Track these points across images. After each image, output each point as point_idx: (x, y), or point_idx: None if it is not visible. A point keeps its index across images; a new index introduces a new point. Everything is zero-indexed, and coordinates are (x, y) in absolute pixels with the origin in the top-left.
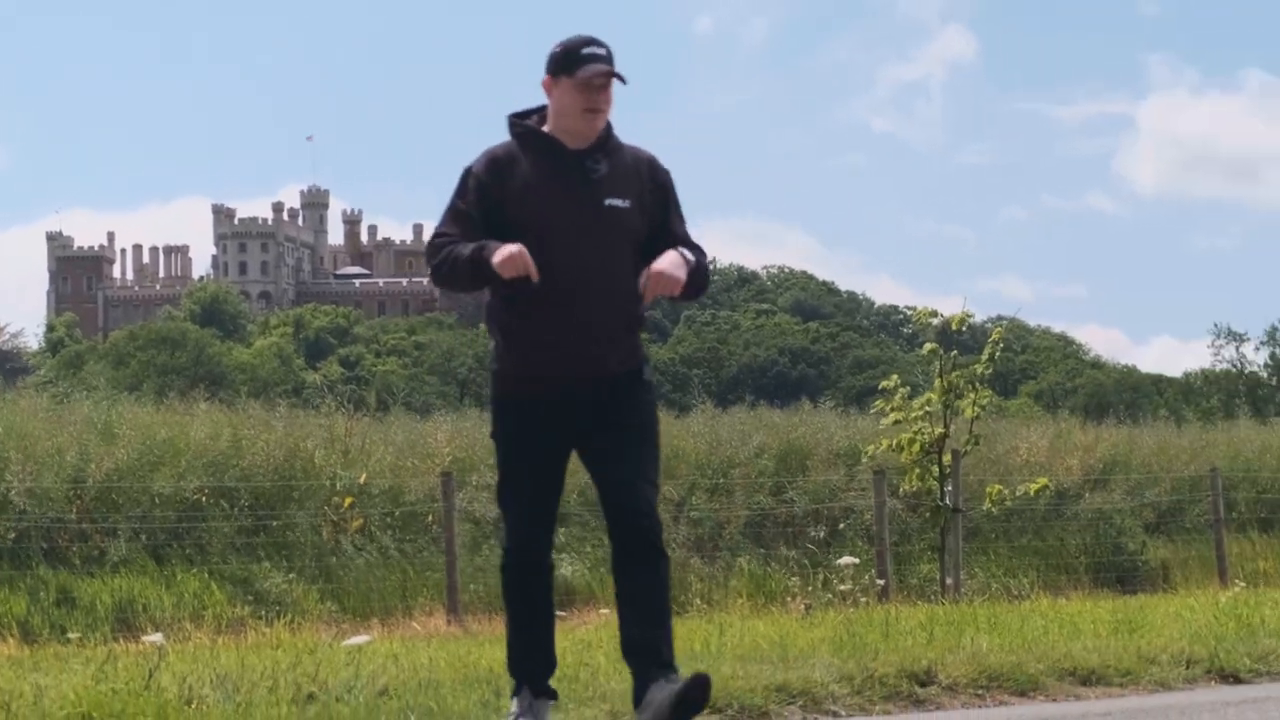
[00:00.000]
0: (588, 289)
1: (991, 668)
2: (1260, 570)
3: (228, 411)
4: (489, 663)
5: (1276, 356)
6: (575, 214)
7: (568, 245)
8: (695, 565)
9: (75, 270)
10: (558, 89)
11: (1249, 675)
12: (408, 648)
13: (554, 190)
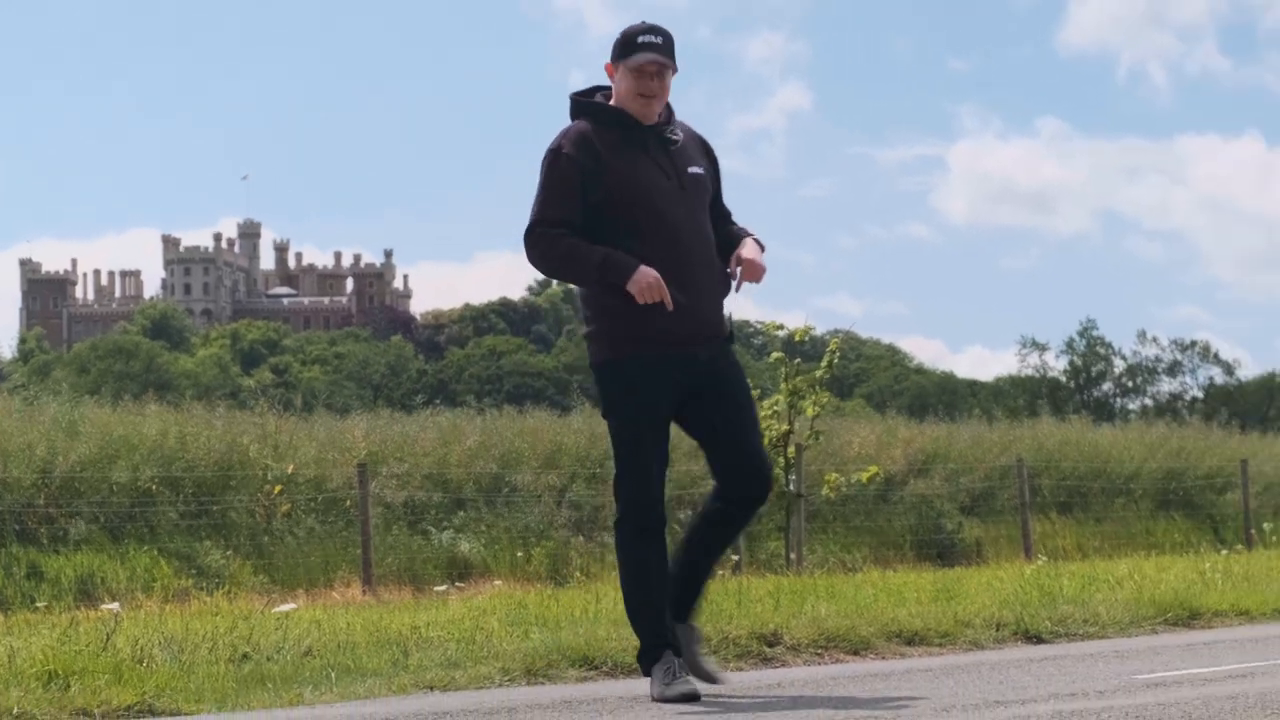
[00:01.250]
0: (691, 252)
1: (829, 630)
2: (1060, 546)
3: (174, 412)
4: (398, 627)
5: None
6: (666, 182)
7: (667, 212)
8: (576, 543)
9: (43, 291)
10: (617, 74)
11: (1049, 636)
12: (328, 614)
13: (644, 161)
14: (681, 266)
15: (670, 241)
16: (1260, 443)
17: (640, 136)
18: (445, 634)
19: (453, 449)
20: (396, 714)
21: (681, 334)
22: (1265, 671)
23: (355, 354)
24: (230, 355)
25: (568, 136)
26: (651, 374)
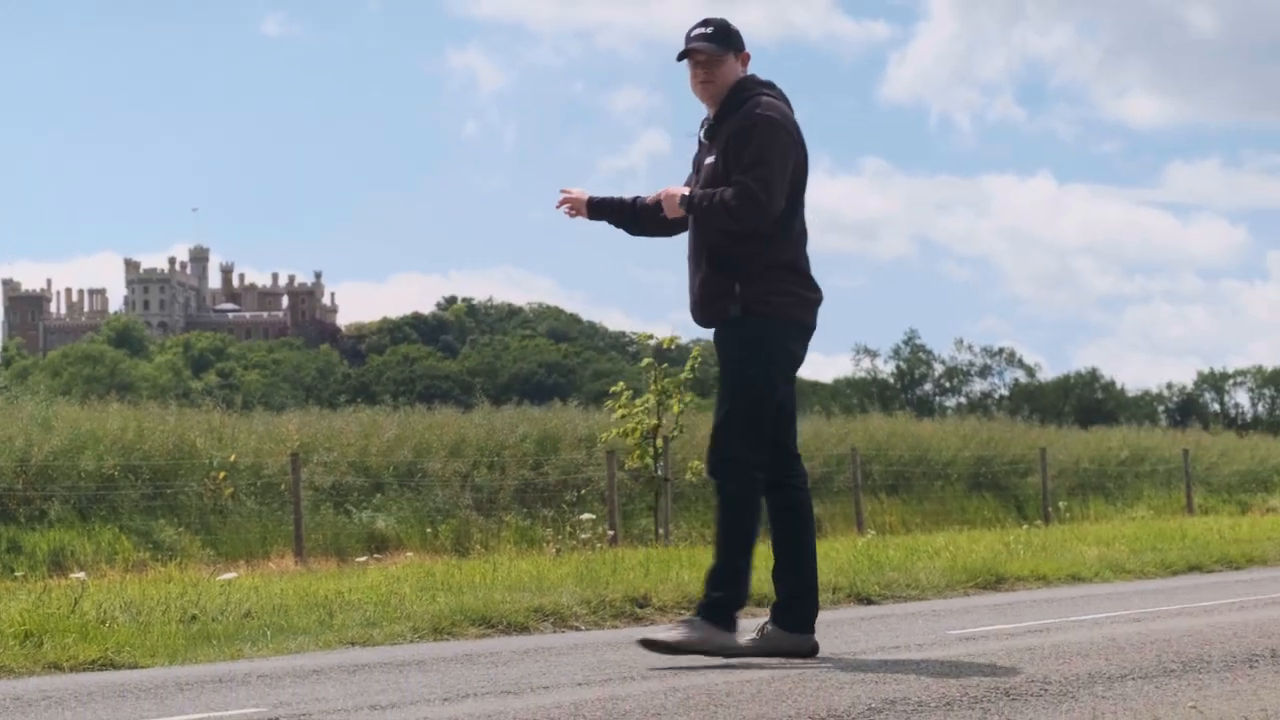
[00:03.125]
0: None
1: (690, 594)
2: (887, 522)
3: (134, 410)
4: (325, 592)
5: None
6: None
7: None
8: (477, 521)
9: (22, 306)
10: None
11: (878, 598)
12: (265, 582)
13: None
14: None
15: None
16: (1056, 434)
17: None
18: (365, 598)
19: (372, 440)
20: (323, 666)
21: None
22: (1059, 627)
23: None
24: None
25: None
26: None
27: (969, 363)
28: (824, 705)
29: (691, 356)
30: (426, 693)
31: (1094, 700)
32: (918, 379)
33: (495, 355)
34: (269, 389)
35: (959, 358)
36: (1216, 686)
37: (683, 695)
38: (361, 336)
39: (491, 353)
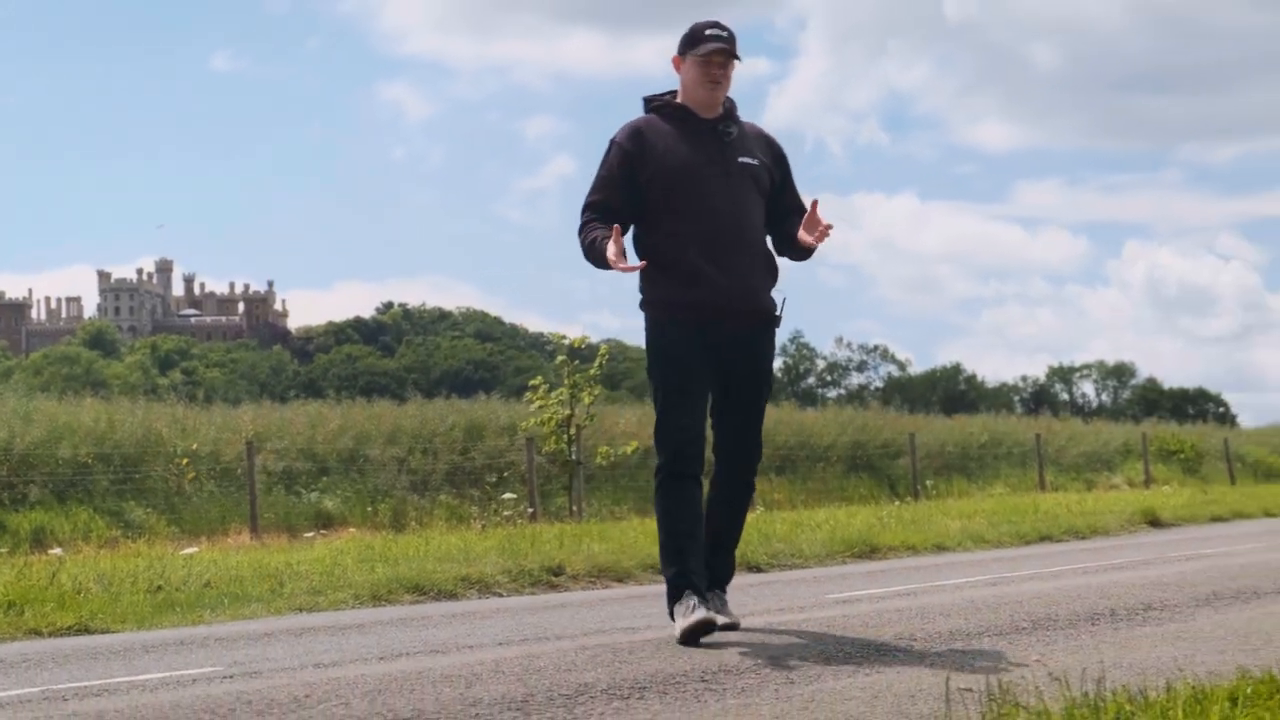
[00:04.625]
0: (727, 233)
1: (600, 564)
2: (775, 499)
3: (106, 404)
4: (276, 564)
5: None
6: (710, 169)
7: (707, 195)
8: (412, 500)
9: (6, 313)
10: (685, 65)
11: (766, 566)
12: (223, 555)
13: (692, 148)
14: (715, 245)
15: (708, 222)
16: (924, 421)
17: (694, 128)
18: (311, 569)
19: (319, 430)
20: (273, 630)
21: (710, 306)
22: (925, 591)
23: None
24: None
25: (624, 128)
26: (679, 339)
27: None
28: (716, 662)
29: (600, 354)
30: (365, 652)
31: (953, 654)
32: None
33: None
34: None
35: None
36: (1062, 642)
37: (592, 652)
38: (310, 338)
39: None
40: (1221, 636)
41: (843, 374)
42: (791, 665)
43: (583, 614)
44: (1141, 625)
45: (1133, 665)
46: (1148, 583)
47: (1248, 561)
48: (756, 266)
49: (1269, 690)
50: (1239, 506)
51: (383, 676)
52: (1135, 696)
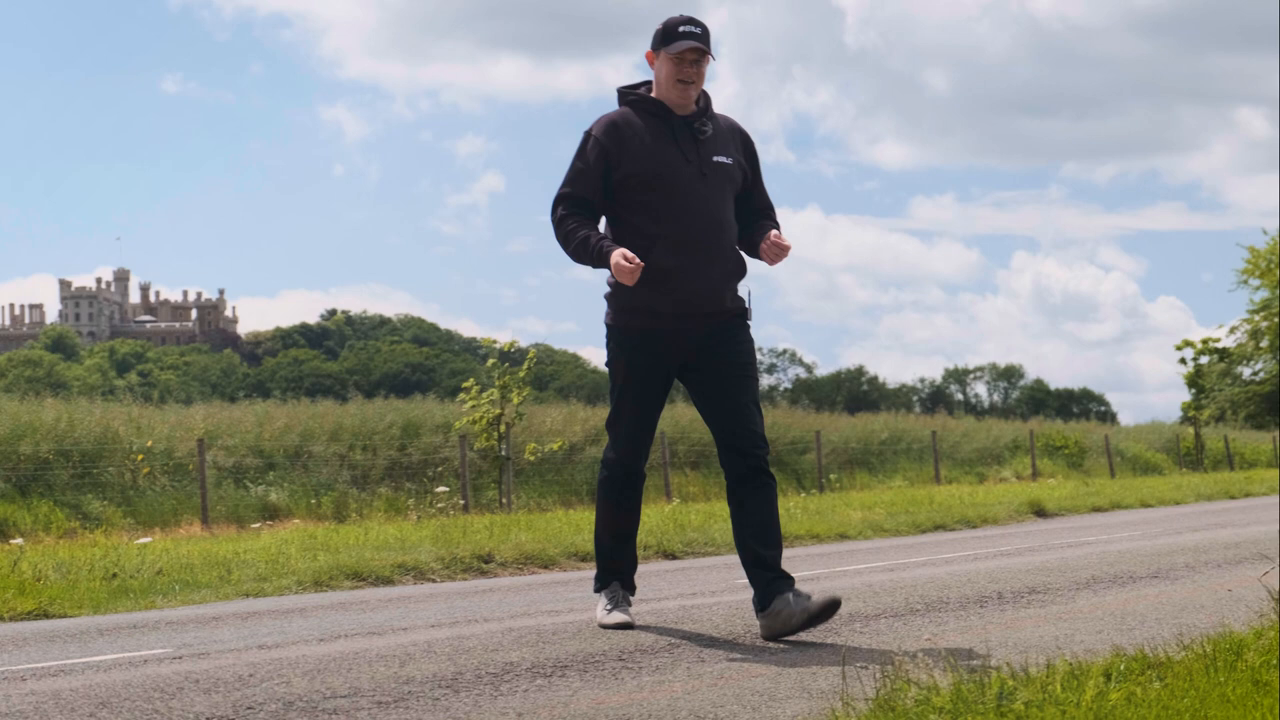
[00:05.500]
0: (699, 232)
1: (528, 551)
2: (690, 492)
3: (66, 404)
4: (225, 553)
5: None
6: (686, 167)
7: (681, 194)
8: (353, 493)
9: None
10: (657, 61)
11: (681, 554)
12: (175, 545)
13: (667, 146)
14: (688, 245)
15: (680, 221)
16: (829, 419)
17: (669, 124)
18: (258, 557)
19: (266, 428)
20: (221, 614)
21: (676, 309)
22: (827, 576)
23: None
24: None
25: (599, 121)
26: (641, 343)
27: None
28: (633, 642)
29: (528, 357)
30: (306, 634)
31: (853, 634)
32: None
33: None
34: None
35: None
36: (953, 623)
37: (518, 634)
38: (258, 342)
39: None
40: (1099, 617)
41: None
42: (703, 645)
43: (510, 598)
44: (1026, 607)
45: (1017, 644)
46: (1033, 568)
47: (1124, 549)
48: (727, 268)
49: (1140, 667)
50: (1118, 498)
51: (322, 657)
52: (1018, 672)
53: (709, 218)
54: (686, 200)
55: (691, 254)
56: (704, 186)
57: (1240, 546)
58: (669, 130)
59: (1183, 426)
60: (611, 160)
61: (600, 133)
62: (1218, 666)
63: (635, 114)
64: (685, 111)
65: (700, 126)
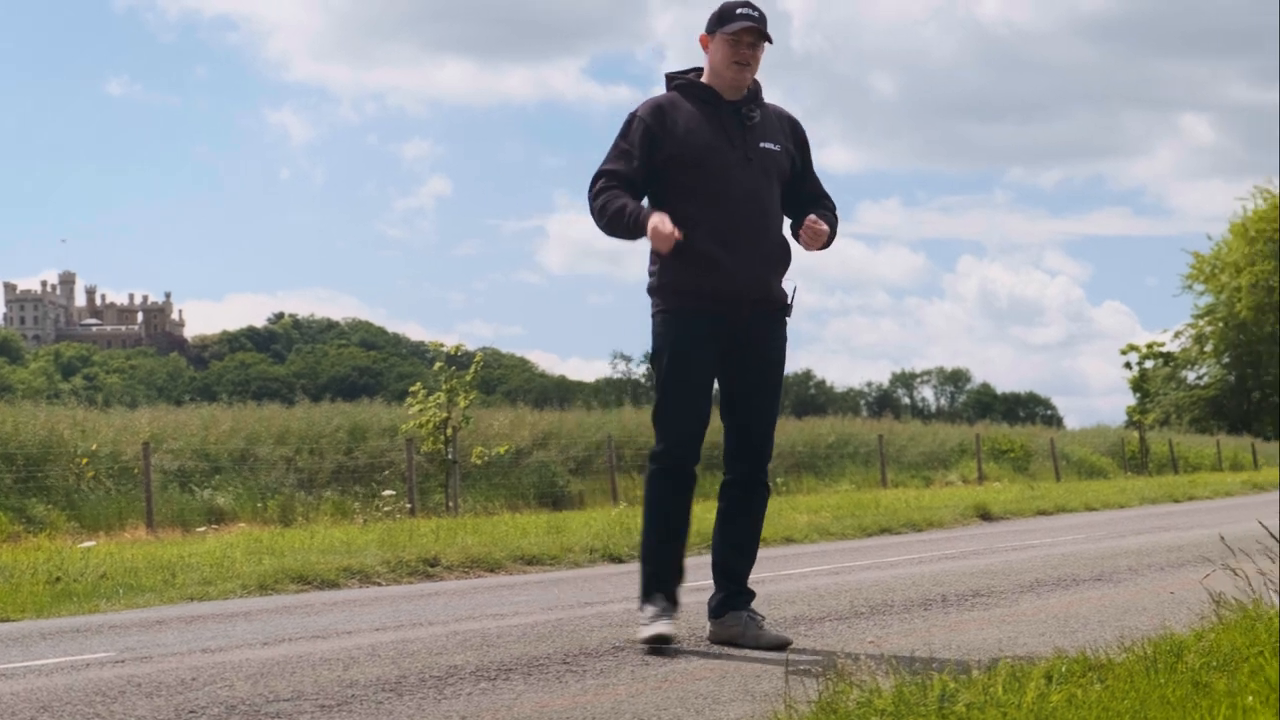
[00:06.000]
0: (744, 219)
1: (473, 555)
2: (636, 496)
3: (11, 408)
4: (169, 557)
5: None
6: (731, 153)
7: (726, 179)
8: (300, 497)
9: None
10: (712, 44)
11: (627, 557)
12: (120, 549)
13: (714, 131)
14: (731, 231)
15: (724, 207)
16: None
17: (716, 109)
18: (203, 561)
19: (211, 431)
20: (165, 618)
21: (721, 294)
22: (773, 580)
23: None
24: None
25: (645, 103)
26: (689, 329)
27: None
28: (577, 645)
29: (475, 361)
30: (250, 638)
31: (797, 637)
32: None
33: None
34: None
35: None
36: (897, 625)
37: (462, 637)
38: (205, 346)
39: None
40: (1042, 620)
41: None
42: (647, 648)
43: (455, 602)
44: (970, 610)
45: (961, 646)
46: (977, 571)
47: (1068, 552)
48: (771, 256)
49: (1082, 669)
50: (1063, 501)
51: (266, 660)
52: (960, 674)
53: (752, 203)
54: (729, 185)
55: (734, 239)
56: (748, 172)
57: (1183, 549)
58: (716, 114)
59: (1128, 430)
60: (656, 142)
61: (646, 114)
62: (1158, 668)
63: (683, 98)
64: (736, 96)
65: (748, 112)
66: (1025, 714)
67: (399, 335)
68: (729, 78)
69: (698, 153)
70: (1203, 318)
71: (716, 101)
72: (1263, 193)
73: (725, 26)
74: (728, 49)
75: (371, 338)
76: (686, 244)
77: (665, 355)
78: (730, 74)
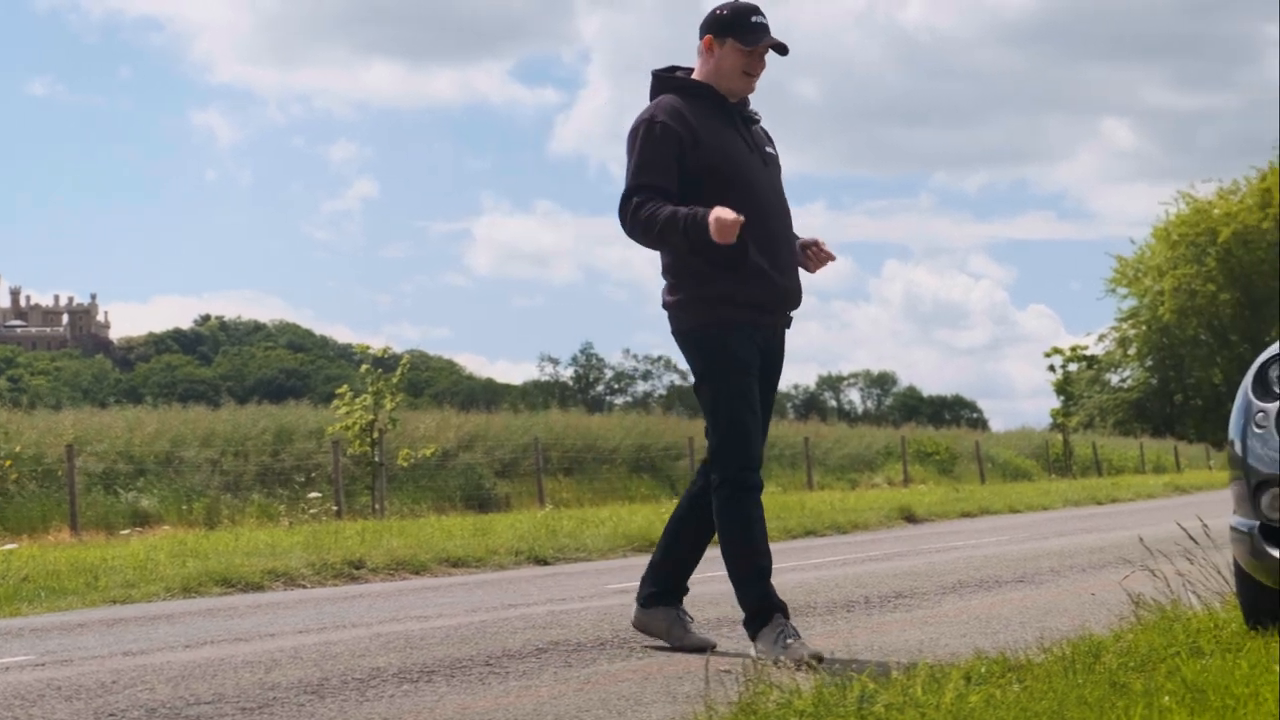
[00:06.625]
0: (776, 226)
1: (399, 557)
2: (564, 498)
3: None
4: (93, 560)
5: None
6: (750, 156)
7: (754, 185)
8: (225, 499)
9: None
10: (721, 50)
11: (552, 559)
12: (43, 552)
13: (732, 136)
14: (770, 239)
15: (758, 215)
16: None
17: (726, 111)
18: (126, 564)
19: (136, 433)
20: (87, 621)
21: (770, 304)
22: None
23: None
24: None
25: (660, 108)
26: (743, 340)
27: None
28: (500, 647)
29: (401, 363)
30: (173, 641)
31: (720, 639)
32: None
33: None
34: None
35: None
36: (820, 627)
37: (385, 640)
38: (131, 348)
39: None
40: (964, 621)
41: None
42: (570, 650)
43: (379, 604)
44: (893, 611)
45: (882, 648)
46: (900, 573)
47: (991, 553)
48: (795, 263)
49: (1001, 669)
50: (987, 503)
51: (187, 663)
52: (879, 675)
53: (780, 209)
54: (759, 192)
55: (773, 248)
56: (769, 177)
57: (1104, 551)
58: (727, 118)
59: (1052, 433)
60: (685, 149)
61: (670, 120)
62: (1076, 669)
63: (690, 101)
64: (735, 99)
65: (754, 115)
66: (943, 715)
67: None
68: (736, 87)
69: (726, 160)
70: (1126, 321)
71: (725, 105)
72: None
73: (741, 36)
74: (741, 59)
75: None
76: (736, 254)
77: (730, 372)
78: (739, 84)
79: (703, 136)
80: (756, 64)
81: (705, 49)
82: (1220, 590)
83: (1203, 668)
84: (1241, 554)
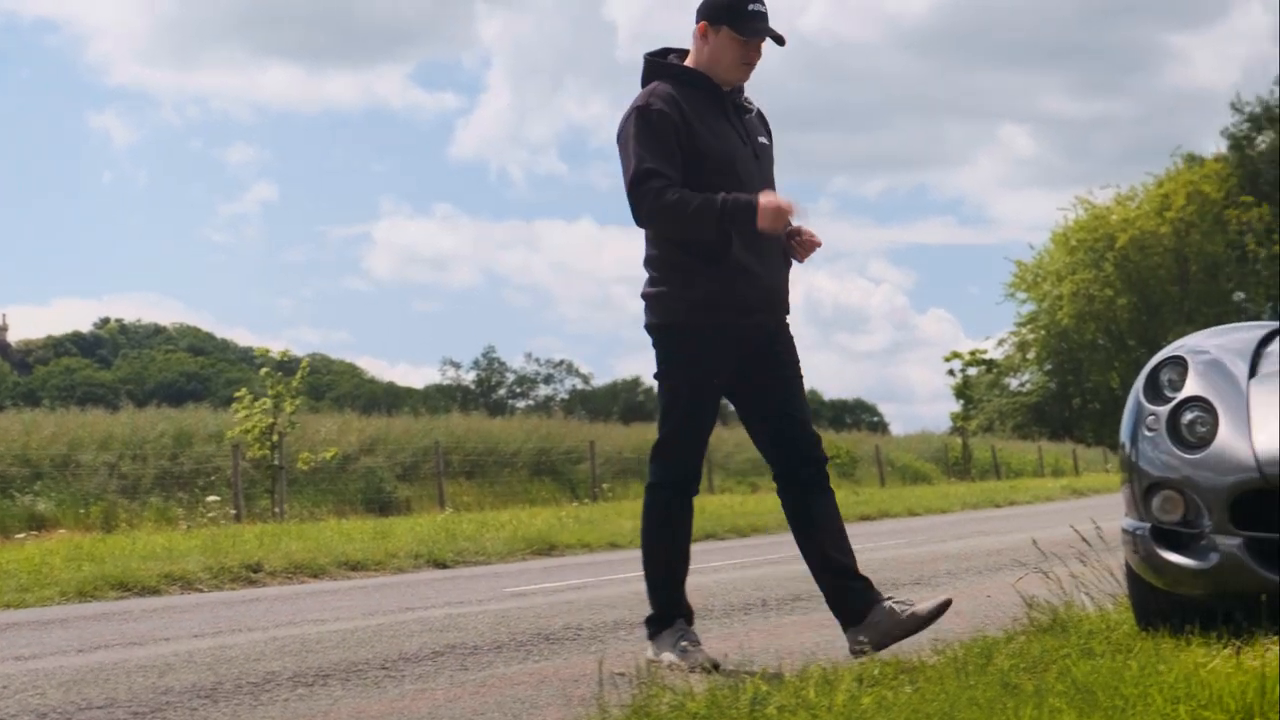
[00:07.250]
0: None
1: (297, 561)
2: (464, 501)
3: None
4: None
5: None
6: (743, 148)
7: (746, 177)
8: (123, 503)
9: None
10: (716, 37)
11: (451, 562)
12: None
13: (726, 126)
14: (757, 235)
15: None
16: (604, 429)
17: (720, 101)
18: (20, 568)
19: (33, 436)
20: None
21: (754, 303)
22: (595, 585)
23: None
24: None
25: (655, 94)
26: (717, 342)
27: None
28: (397, 650)
29: (301, 367)
30: (65, 645)
31: (616, 642)
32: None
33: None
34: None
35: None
36: (716, 630)
37: (281, 643)
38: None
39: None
40: None
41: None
42: (467, 653)
43: (276, 607)
44: (789, 614)
45: (778, 650)
46: (798, 576)
47: (889, 556)
48: (784, 260)
49: (893, 671)
50: (886, 506)
51: (80, 668)
52: (772, 677)
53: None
54: (752, 185)
55: (759, 244)
56: (760, 170)
57: (1001, 553)
58: (721, 107)
59: (951, 436)
60: (681, 137)
61: (667, 107)
62: (968, 670)
63: (683, 88)
64: (728, 87)
65: (746, 104)
66: (835, 716)
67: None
68: (732, 76)
69: (719, 150)
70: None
71: (718, 94)
72: (1083, 203)
73: (739, 25)
74: (739, 49)
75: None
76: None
77: (693, 375)
78: (736, 74)
79: (695, 126)
80: (753, 54)
81: (699, 34)
82: (1113, 592)
83: (1093, 668)
84: (1132, 556)
